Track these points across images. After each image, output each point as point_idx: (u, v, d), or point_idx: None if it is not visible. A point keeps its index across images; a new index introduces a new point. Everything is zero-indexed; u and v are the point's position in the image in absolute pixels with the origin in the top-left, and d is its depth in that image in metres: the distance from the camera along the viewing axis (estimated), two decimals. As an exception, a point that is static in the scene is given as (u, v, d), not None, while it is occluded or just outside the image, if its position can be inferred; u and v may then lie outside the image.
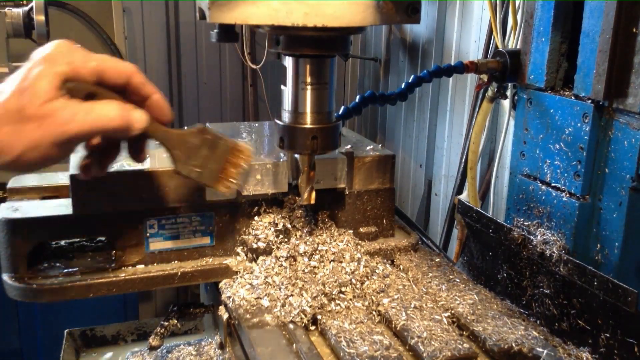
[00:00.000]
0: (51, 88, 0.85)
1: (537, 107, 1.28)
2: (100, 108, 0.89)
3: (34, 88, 0.84)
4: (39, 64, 0.86)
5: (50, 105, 0.84)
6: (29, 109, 0.83)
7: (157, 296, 3.57)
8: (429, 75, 1.35)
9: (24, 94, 0.83)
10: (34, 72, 0.85)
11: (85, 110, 0.87)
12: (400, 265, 1.36)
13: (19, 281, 1.17)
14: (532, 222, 1.29)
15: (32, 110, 0.83)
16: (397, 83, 3.03)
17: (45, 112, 0.84)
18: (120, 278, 1.20)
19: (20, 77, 0.85)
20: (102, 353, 1.86)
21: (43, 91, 0.84)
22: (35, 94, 0.83)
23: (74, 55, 0.88)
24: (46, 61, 0.86)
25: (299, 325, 1.09)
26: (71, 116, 0.86)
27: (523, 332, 1.08)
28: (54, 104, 0.85)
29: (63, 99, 0.86)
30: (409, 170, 2.99)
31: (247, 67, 3.50)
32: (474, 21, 2.35)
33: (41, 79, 0.84)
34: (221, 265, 1.27)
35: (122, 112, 0.91)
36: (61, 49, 0.88)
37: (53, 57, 0.87)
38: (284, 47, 1.15)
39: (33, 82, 0.84)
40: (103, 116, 0.89)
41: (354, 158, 1.37)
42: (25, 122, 0.83)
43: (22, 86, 0.84)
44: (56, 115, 0.85)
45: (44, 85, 0.84)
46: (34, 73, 0.85)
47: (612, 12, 1.07)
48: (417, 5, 1.11)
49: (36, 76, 0.84)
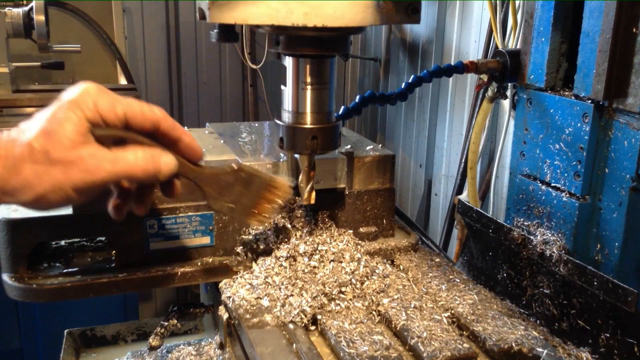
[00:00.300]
0: (78, 133, 0.85)
1: (537, 107, 1.28)
2: (126, 156, 0.89)
3: (61, 132, 0.84)
4: (67, 107, 0.86)
5: (76, 152, 0.85)
6: (55, 152, 0.84)
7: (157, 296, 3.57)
8: (429, 75, 1.35)
9: (51, 136, 0.84)
10: (61, 115, 0.85)
11: (111, 160, 0.88)
12: (400, 265, 1.36)
13: (19, 281, 1.17)
14: (532, 222, 1.29)
15: (58, 155, 0.84)
16: (397, 83, 3.04)
17: (71, 158, 0.85)
18: (120, 278, 1.20)
19: (46, 117, 0.86)
20: (102, 353, 1.86)
21: (69, 136, 0.85)
22: (61, 138, 0.84)
23: (102, 100, 0.88)
24: (73, 105, 0.86)
25: (299, 325, 1.09)
26: (96, 165, 0.86)
27: (523, 332, 1.08)
28: (80, 150, 0.85)
29: (90, 145, 0.87)
30: (409, 170, 2.99)
31: (247, 67, 3.51)
32: (474, 21, 2.35)
33: (68, 123, 0.85)
34: (221, 265, 1.27)
35: (148, 159, 0.91)
36: (89, 94, 0.88)
37: (80, 101, 0.87)
38: (284, 47, 1.15)
39: (60, 126, 0.85)
40: (129, 165, 0.89)
41: (354, 158, 1.37)
42: (50, 165, 0.84)
43: (48, 128, 0.84)
44: (81, 163, 0.85)
45: (70, 130, 0.85)
46: (61, 116, 0.85)
47: (612, 12, 1.07)
48: (417, 5, 1.11)
49: (63, 120, 0.85)
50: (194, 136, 1.47)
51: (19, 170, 0.83)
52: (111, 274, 1.21)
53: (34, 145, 0.84)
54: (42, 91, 2.98)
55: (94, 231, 1.25)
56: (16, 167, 0.83)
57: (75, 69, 3.47)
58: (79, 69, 3.49)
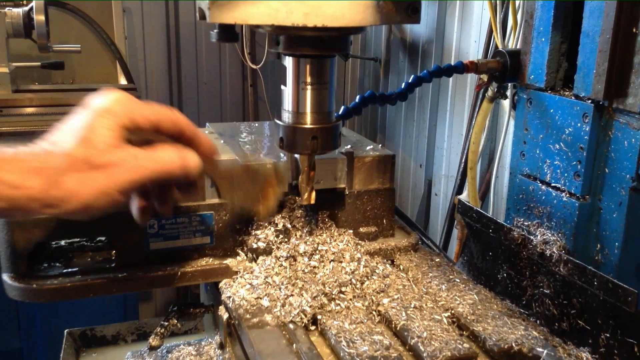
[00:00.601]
0: (115, 138, 0.88)
1: (537, 107, 1.28)
2: (160, 154, 0.93)
3: (99, 138, 0.87)
4: (102, 116, 0.89)
5: (115, 154, 0.88)
6: (96, 158, 0.86)
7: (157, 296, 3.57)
8: (429, 75, 1.34)
9: (90, 143, 0.86)
10: (97, 123, 0.88)
11: (148, 158, 0.91)
12: (400, 265, 1.36)
13: (19, 281, 1.17)
14: (532, 222, 1.29)
15: (99, 160, 0.86)
16: (397, 83, 3.04)
17: (112, 160, 0.87)
18: (120, 278, 1.20)
19: (81, 126, 0.87)
20: (102, 353, 1.86)
21: (107, 141, 0.87)
22: (100, 144, 0.87)
23: (133, 108, 0.92)
24: (107, 113, 0.89)
25: (299, 325, 1.09)
26: (138, 164, 0.89)
27: (523, 332, 1.08)
28: (119, 152, 0.88)
29: (128, 147, 0.90)
30: (409, 170, 2.99)
31: (247, 67, 3.51)
32: (474, 21, 2.35)
33: (104, 129, 0.88)
34: (221, 265, 1.27)
35: (180, 156, 0.95)
36: (121, 102, 0.92)
37: (114, 109, 0.90)
38: (284, 47, 1.15)
39: (97, 133, 0.87)
40: (165, 161, 0.93)
41: (354, 158, 1.37)
42: (92, 171, 0.86)
43: (86, 136, 0.86)
44: (122, 164, 0.88)
45: (108, 136, 0.87)
46: (97, 124, 0.88)
47: (612, 12, 1.07)
48: (417, 5, 1.11)
49: (99, 127, 0.87)
50: (194, 136, 1.47)
51: (61, 181, 0.84)
52: (111, 274, 1.21)
53: (74, 155, 0.85)
54: (42, 91, 2.98)
55: (94, 231, 1.25)
56: (57, 178, 0.84)
57: (75, 69, 3.47)
58: (79, 69, 3.49)
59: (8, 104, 2.76)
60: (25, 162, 0.84)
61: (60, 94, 2.97)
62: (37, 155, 0.85)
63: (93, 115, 0.89)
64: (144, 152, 0.91)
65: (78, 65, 3.47)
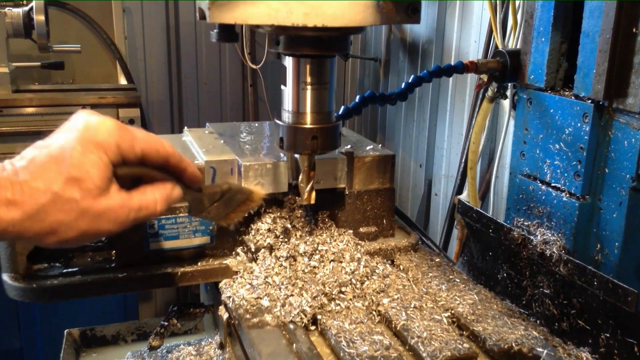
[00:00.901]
0: (104, 179, 0.86)
1: (537, 107, 1.28)
2: (147, 200, 0.92)
3: (88, 180, 0.84)
4: (91, 151, 0.85)
5: (105, 202, 0.86)
6: (84, 202, 0.84)
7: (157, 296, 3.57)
8: (429, 75, 1.34)
9: (79, 184, 0.84)
10: (86, 160, 0.84)
11: (136, 208, 0.91)
12: (400, 265, 1.36)
13: (19, 281, 1.17)
14: (532, 222, 1.29)
15: (87, 204, 0.85)
16: (397, 83, 3.04)
17: (100, 209, 0.86)
18: (120, 278, 1.20)
19: (69, 162, 0.83)
20: (102, 353, 1.86)
21: (97, 183, 0.85)
22: (89, 186, 0.84)
23: (123, 141, 0.89)
24: (97, 148, 0.86)
25: (299, 325, 1.09)
26: (124, 215, 0.89)
27: (523, 332, 1.08)
28: (108, 200, 0.87)
29: (116, 193, 0.88)
30: (409, 170, 2.99)
31: (247, 67, 3.51)
32: (474, 21, 2.35)
33: (94, 169, 0.85)
34: (221, 265, 1.27)
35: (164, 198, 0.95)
36: (111, 134, 0.88)
37: (104, 143, 0.87)
38: (284, 47, 1.15)
39: (87, 173, 0.84)
40: (150, 210, 0.93)
41: (354, 158, 1.37)
42: (78, 215, 0.85)
43: (75, 175, 0.83)
44: (110, 213, 0.87)
45: (97, 177, 0.85)
46: (86, 162, 0.84)
47: (612, 12, 1.07)
48: (417, 5, 1.11)
49: (89, 165, 0.85)
50: (194, 136, 1.48)
51: (44, 218, 0.82)
52: (111, 274, 1.21)
53: (61, 194, 0.82)
54: (42, 91, 2.99)
55: (94, 231, 1.25)
56: (40, 215, 0.82)
57: (75, 69, 3.47)
58: (79, 69, 3.49)
59: (8, 104, 2.76)
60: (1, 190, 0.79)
61: (60, 94, 2.97)
62: (14, 184, 0.81)
63: (82, 148, 0.85)
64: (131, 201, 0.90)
65: (78, 65, 3.47)
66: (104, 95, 2.95)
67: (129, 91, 3.14)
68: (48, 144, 0.86)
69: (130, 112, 2.95)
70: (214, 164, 1.28)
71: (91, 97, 2.92)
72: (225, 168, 1.29)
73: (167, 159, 0.96)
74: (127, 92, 3.11)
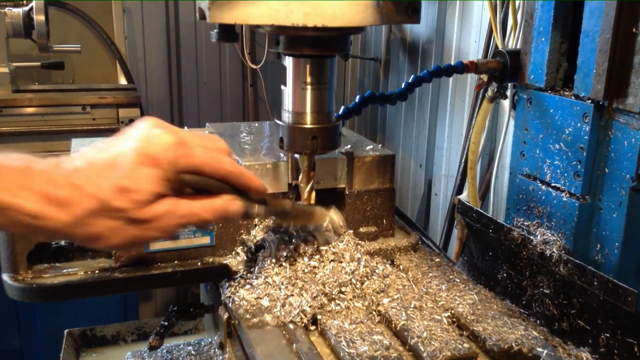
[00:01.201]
0: (154, 194, 0.85)
1: (537, 107, 1.28)
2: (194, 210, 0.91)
3: (139, 192, 0.84)
4: (145, 164, 0.84)
5: (153, 210, 0.86)
6: (132, 212, 0.84)
7: (157, 296, 3.57)
8: (429, 75, 1.34)
9: (128, 195, 0.83)
10: (139, 173, 0.84)
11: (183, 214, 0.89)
12: (400, 265, 1.36)
13: (19, 281, 1.17)
14: (532, 222, 1.29)
15: (135, 214, 0.84)
16: (397, 83, 3.04)
17: (148, 217, 0.85)
18: (120, 278, 1.20)
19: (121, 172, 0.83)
20: (102, 353, 1.86)
21: (147, 197, 0.84)
22: (138, 197, 0.84)
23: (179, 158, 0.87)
24: (152, 162, 0.85)
25: (299, 325, 1.09)
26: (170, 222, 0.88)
27: (523, 332, 1.08)
28: (157, 207, 0.86)
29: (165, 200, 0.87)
30: (409, 170, 2.99)
31: (247, 67, 3.51)
32: (474, 21, 2.35)
33: (146, 183, 0.84)
34: (221, 265, 1.27)
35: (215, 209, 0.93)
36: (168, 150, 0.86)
37: (160, 159, 0.85)
38: (284, 47, 1.15)
39: (137, 185, 0.83)
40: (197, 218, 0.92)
41: (354, 158, 1.37)
42: (126, 223, 0.84)
43: (125, 185, 0.83)
44: (157, 221, 0.87)
45: (149, 192, 0.84)
46: (139, 175, 0.84)
47: (612, 12, 1.07)
48: (417, 5, 1.11)
49: (141, 179, 0.84)
50: (194, 136, 1.47)
51: (91, 223, 0.82)
52: (111, 274, 1.21)
53: (109, 203, 0.82)
54: (42, 91, 2.99)
55: (94, 231, 1.25)
56: (87, 219, 0.82)
57: (75, 69, 3.47)
58: (79, 69, 3.49)
59: (8, 104, 2.77)
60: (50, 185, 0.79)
61: (60, 94, 2.97)
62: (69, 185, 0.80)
63: (137, 160, 0.84)
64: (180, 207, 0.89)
65: (78, 65, 3.47)
66: (104, 95, 2.95)
67: (129, 91, 3.14)
68: (107, 147, 0.86)
69: (130, 112, 2.95)
70: None
71: (91, 97, 2.92)
72: (225, 168, 1.29)
73: (225, 177, 0.94)
74: (127, 92, 3.11)
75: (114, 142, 0.87)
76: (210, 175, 0.92)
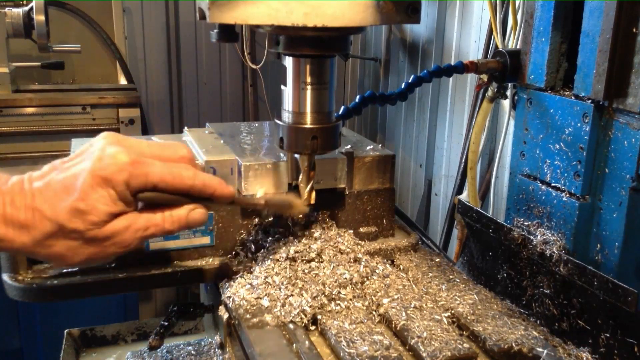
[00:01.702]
0: (108, 214, 0.86)
1: (537, 107, 1.28)
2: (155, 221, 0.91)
3: (94, 213, 0.85)
4: (99, 185, 0.84)
5: (110, 227, 0.87)
6: (90, 232, 0.85)
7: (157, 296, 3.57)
8: (429, 75, 1.34)
9: (83, 217, 0.84)
10: (93, 194, 0.84)
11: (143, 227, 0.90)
12: (400, 265, 1.36)
13: (19, 281, 1.17)
14: (532, 222, 1.29)
15: (93, 234, 0.86)
16: (397, 83, 3.04)
17: (105, 235, 0.87)
18: (120, 278, 1.20)
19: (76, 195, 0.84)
20: (102, 353, 1.86)
21: (103, 218, 0.85)
22: (94, 219, 0.85)
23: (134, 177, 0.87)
24: (106, 183, 0.85)
25: (299, 325, 1.09)
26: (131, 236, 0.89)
27: (523, 332, 1.08)
28: (114, 225, 0.87)
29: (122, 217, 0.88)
30: (409, 170, 2.99)
31: (247, 67, 3.51)
32: (474, 21, 2.35)
33: (100, 205, 0.85)
34: (221, 265, 1.27)
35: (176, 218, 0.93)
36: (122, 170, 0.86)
37: (113, 180, 0.85)
38: (284, 47, 1.15)
39: (92, 207, 0.84)
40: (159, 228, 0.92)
41: (354, 158, 1.37)
42: (85, 242, 0.86)
43: (80, 207, 0.84)
44: (117, 236, 0.88)
45: (103, 212, 0.85)
46: (93, 196, 0.84)
47: (612, 12, 1.07)
48: (417, 5, 1.11)
49: (95, 200, 0.84)
50: (194, 136, 1.48)
51: (51, 244, 0.85)
52: (111, 274, 1.21)
53: (65, 225, 0.84)
54: (42, 91, 2.99)
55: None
56: (46, 241, 0.85)
57: (75, 69, 3.47)
58: (79, 69, 3.49)
59: (8, 104, 2.77)
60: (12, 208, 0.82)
61: (60, 94, 2.97)
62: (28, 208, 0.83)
63: (91, 181, 0.84)
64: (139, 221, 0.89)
65: (78, 65, 3.47)
66: (104, 95, 2.96)
67: (128, 91, 3.14)
68: (67, 167, 0.87)
69: (130, 112, 2.95)
70: (214, 164, 1.28)
71: (91, 97, 2.92)
72: (225, 168, 1.29)
73: (187, 191, 0.93)
74: (127, 92, 3.11)
75: (74, 160, 0.88)
76: (169, 191, 0.92)
